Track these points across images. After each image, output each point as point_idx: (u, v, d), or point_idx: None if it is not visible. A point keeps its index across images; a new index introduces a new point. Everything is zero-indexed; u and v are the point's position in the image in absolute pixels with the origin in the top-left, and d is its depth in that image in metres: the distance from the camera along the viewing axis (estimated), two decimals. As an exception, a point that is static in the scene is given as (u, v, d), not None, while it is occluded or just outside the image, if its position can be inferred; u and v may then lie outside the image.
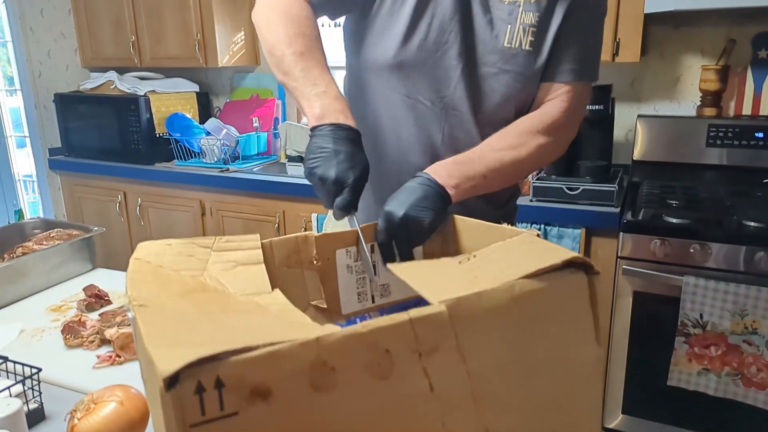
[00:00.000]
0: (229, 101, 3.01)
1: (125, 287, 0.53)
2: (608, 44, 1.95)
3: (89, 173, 2.90)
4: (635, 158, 2.20)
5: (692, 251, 1.68)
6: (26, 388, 0.85)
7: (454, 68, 0.94)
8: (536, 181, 1.99)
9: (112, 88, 2.82)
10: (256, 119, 2.82)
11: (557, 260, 0.52)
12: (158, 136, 2.77)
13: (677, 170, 2.14)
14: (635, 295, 1.78)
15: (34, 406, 0.85)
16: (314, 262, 0.71)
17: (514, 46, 0.93)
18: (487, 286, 0.49)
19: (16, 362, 0.88)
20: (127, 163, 2.77)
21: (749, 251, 1.62)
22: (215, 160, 2.67)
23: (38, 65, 3.55)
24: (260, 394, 0.39)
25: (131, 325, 0.50)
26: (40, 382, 0.87)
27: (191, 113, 2.90)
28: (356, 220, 0.77)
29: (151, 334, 0.42)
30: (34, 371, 0.86)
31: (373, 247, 0.77)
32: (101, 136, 2.87)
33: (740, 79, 2.10)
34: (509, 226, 0.70)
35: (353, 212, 0.77)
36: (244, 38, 2.83)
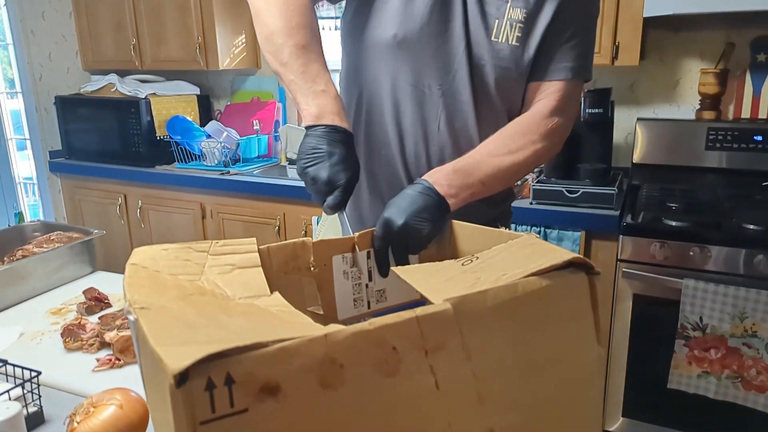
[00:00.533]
0: (229, 104, 3.02)
1: (123, 291, 0.53)
2: (608, 48, 1.96)
3: (90, 176, 2.91)
4: (635, 161, 2.20)
5: (692, 254, 1.68)
6: (26, 391, 0.85)
7: (455, 55, 0.95)
8: (536, 184, 1.99)
9: (112, 90, 2.82)
10: (256, 122, 2.83)
11: (558, 260, 0.53)
12: (159, 138, 2.77)
13: (677, 173, 2.14)
14: (635, 297, 1.78)
15: (33, 409, 0.85)
16: (311, 268, 0.71)
17: (501, 40, 0.94)
18: (488, 285, 0.50)
19: (15, 365, 0.88)
20: (127, 165, 2.78)
21: (749, 254, 1.62)
22: (216, 162, 2.67)
23: (39, 68, 3.56)
24: (270, 390, 0.39)
25: (131, 328, 0.50)
26: (39, 385, 0.87)
27: (192, 116, 2.90)
28: (346, 217, 0.80)
29: (156, 334, 0.42)
30: (33, 374, 0.86)
31: (369, 253, 0.77)
32: (102, 138, 2.87)
33: (739, 82, 2.11)
34: (506, 230, 0.70)
35: (343, 210, 0.80)
36: (245, 41, 2.83)
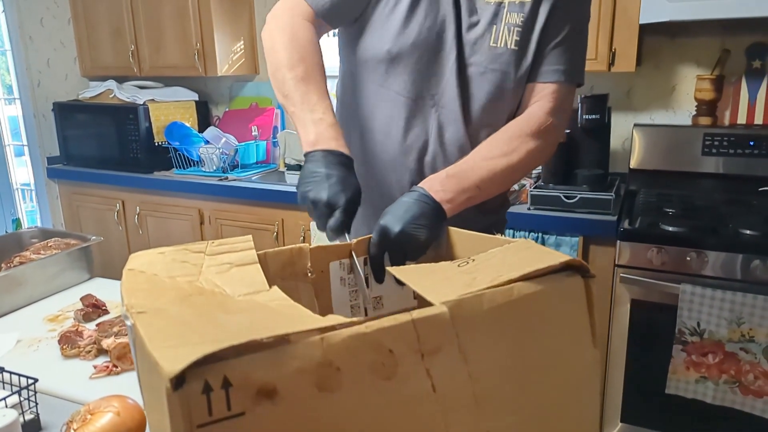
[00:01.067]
0: (228, 110, 3.02)
1: (121, 297, 0.53)
2: (604, 54, 1.97)
3: (88, 182, 2.91)
4: (632, 167, 2.21)
5: (689, 259, 1.68)
6: (22, 398, 0.84)
7: (445, 66, 0.96)
8: (534, 189, 2.00)
9: (111, 97, 2.83)
10: (255, 128, 2.83)
11: (554, 262, 0.53)
12: (157, 144, 2.77)
13: (673, 179, 2.15)
14: (633, 303, 1.78)
15: (30, 417, 0.85)
16: (308, 274, 0.71)
17: (499, 45, 0.95)
18: (485, 286, 0.50)
19: (12, 372, 0.88)
20: (125, 171, 2.78)
21: (745, 259, 1.63)
22: (214, 168, 2.67)
23: (37, 74, 3.56)
24: (266, 393, 0.39)
25: (128, 333, 0.50)
26: (36, 392, 0.86)
27: (190, 122, 2.91)
28: (349, 241, 0.78)
29: (152, 337, 0.42)
30: (30, 382, 0.86)
31: (366, 260, 0.77)
32: (100, 144, 2.87)
33: (735, 88, 2.12)
34: (503, 236, 0.70)
35: (346, 234, 0.78)
36: (243, 47, 2.84)
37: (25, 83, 3.57)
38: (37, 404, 0.86)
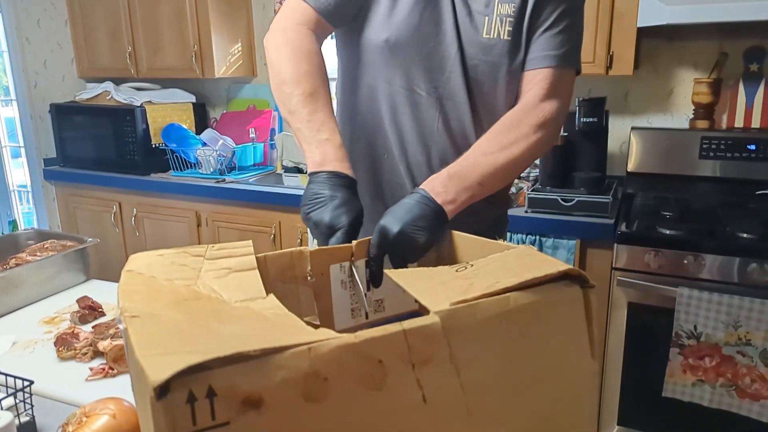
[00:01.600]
0: (225, 112, 3.02)
1: (117, 299, 0.52)
2: (602, 57, 1.97)
3: (84, 184, 2.90)
4: (629, 170, 2.21)
5: (686, 263, 1.69)
6: (18, 400, 0.84)
7: (447, 57, 0.97)
8: (531, 192, 2.00)
9: (108, 98, 2.82)
10: (252, 130, 2.83)
11: (553, 270, 0.52)
12: (154, 146, 2.77)
13: (671, 182, 2.15)
14: (630, 306, 1.78)
15: (25, 419, 0.84)
16: (308, 277, 0.71)
17: (492, 36, 0.95)
18: (482, 292, 0.50)
19: (8, 375, 0.88)
20: (122, 173, 2.77)
21: (742, 263, 1.63)
22: (211, 170, 2.67)
23: (34, 75, 3.56)
24: (252, 403, 0.39)
25: (122, 337, 0.50)
26: (32, 394, 0.86)
27: (188, 124, 2.90)
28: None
29: (142, 344, 0.41)
30: (26, 384, 0.85)
31: (367, 262, 0.76)
32: (97, 146, 2.87)
33: (732, 92, 2.12)
34: (504, 241, 0.70)
35: None
36: (241, 49, 2.84)
37: (21, 84, 3.56)
38: (32, 406, 0.85)
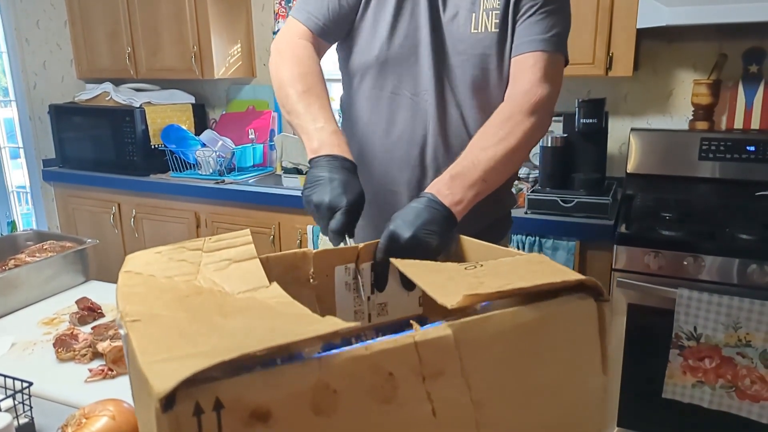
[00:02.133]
0: (225, 113, 3.02)
1: (116, 302, 0.52)
2: (601, 58, 1.97)
3: (83, 185, 2.90)
4: (629, 171, 2.21)
5: (686, 264, 1.68)
6: (17, 402, 0.84)
7: (425, 65, 1.00)
8: (531, 193, 2.00)
9: (107, 99, 2.82)
10: (251, 131, 2.83)
11: (568, 278, 0.51)
12: (153, 147, 2.76)
13: (670, 183, 2.15)
14: (630, 307, 1.78)
15: (24, 420, 0.84)
16: (311, 280, 0.70)
17: (480, 30, 0.98)
18: (493, 290, 0.49)
19: (6, 376, 0.87)
20: (121, 174, 2.77)
21: (742, 264, 1.63)
22: (210, 171, 2.67)
23: (33, 76, 3.55)
24: (260, 416, 0.38)
25: (122, 342, 0.49)
26: (31, 396, 0.86)
27: (187, 125, 2.90)
28: (349, 244, 0.77)
29: (143, 349, 0.41)
30: (25, 385, 0.85)
31: (372, 265, 0.75)
32: (96, 147, 2.86)
33: (731, 93, 2.12)
34: (516, 250, 0.69)
35: (347, 237, 0.78)
36: (240, 50, 2.84)
37: (21, 85, 3.55)
38: (31, 408, 0.85)
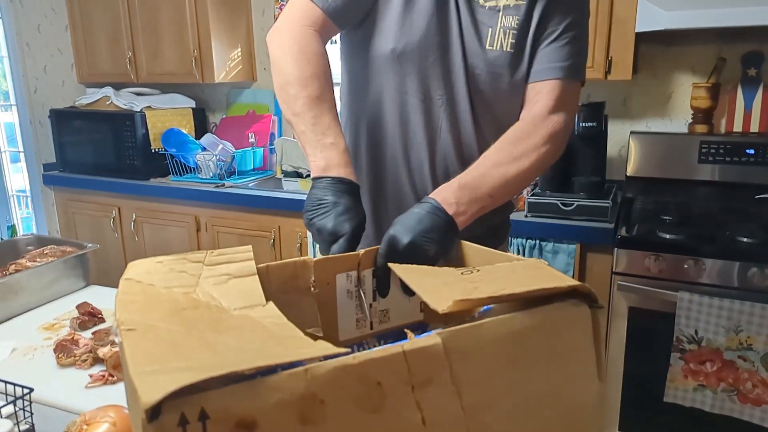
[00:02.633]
0: (225, 117, 3.02)
1: (114, 310, 0.52)
2: (600, 62, 1.98)
3: (84, 189, 2.90)
4: (628, 174, 2.21)
5: (686, 267, 1.68)
6: (18, 408, 0.84)
7: (453, 65, 0.97)
8: (531, 196, 2.00)
9: (108, 103, 2.82)
10: (252, 135, 2.83)
11: (561, 284, 0.51)
12: (154, 151, 2.77)
13: (670, 186, 2.16)
14: (630, 310, 1.78)
15: (25, 427, 0.84)
16: (311, 288, 0.70)
17: (495, 48, 0.96)
18: (486, 295, 0.49)
19: (7, 382, 0.87)
20: (122, 178, 2.77)
21: (743, 267, 1.63)
22: (211, 175, 2.67)
23: (34, 80, 3.55)
24: (246, 426, 0.38)
25: (119, 349, 0.49)
26: (31, 402, 0.86)
27: (187, 129, 2.90)
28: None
29: (135, 359, 0.41)
30: (25, 391, 0.85)
31: (374, 272, 0.75)
32: (96, 151, 2.87)
33: (731, 96, 2.13)
34: (516, 255, 0.69)
35: None
36: (240, 54, 2.85)
37: (21, 90, 3.55)
38: (32, 414, 0.85)
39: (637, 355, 1.80)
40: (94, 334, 1.12)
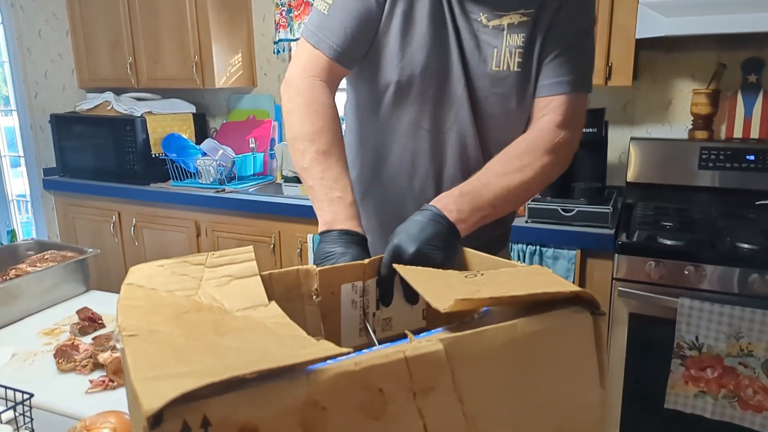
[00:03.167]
0: (225, 122, 3.03)
1: (116, 315, 0.52)
2: (601, 68, 1.98)
3: (84, 193, 2.90)
4: (629, 180, 2.21)
5: (687, 273, 1.68)
6: (18, 414, 0.83)
7: (455, 92, 0.96)
8: (531, 202, 2.00)
9: (108, 108, 2.83)
10: (252, 140, 2.83)
11: (563, 290, 0.51)
12: (154, 156, 2.77)
13: (670, 192, 2.16)
14: (631, 317, 1.78)
15: (25, 432, 0.84)
16: (314, 296, 0.69)
17: (502, 68, 0.94)
18: (488, 296, 0.49)
19: (7, 387, 0.87)
20: (122, 183, 2.77)
21: (743, 273, 1.63)
22: (211, 180, 2.67)
23: (35, 86, 3.56)
24: None
25: (120, 355, 0.49)
26: (31, 407, 0.85)
27: (188, 134, 2.91)
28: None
29: (137, 366, 0.41)
30: (25, 397, 0.85)
31: (378, 281, 0.74)
32: (97, 156, 2.87)
33: (731, 102, 2.13)
34: (518, 262, 0.69)
35: None
36: (241, 60, 2.85)
37: (22, 95, 3.56)
38: (32, 420, 0.85)
39: (637, 361, 1.80)
40: (94, 339, 1.12)
